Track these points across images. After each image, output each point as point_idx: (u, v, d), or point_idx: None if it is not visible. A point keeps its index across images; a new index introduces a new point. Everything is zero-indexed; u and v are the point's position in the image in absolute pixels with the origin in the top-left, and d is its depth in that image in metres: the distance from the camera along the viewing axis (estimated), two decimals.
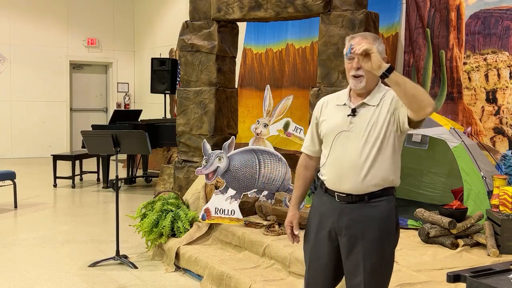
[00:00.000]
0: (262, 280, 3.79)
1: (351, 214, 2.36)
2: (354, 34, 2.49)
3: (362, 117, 2.36)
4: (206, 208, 4.74)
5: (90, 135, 5.07)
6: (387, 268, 2.39)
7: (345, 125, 2.37)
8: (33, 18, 12.41)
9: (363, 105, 2.37)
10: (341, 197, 2.38)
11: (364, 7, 5.18)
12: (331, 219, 2.40)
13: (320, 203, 2.49)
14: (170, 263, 4.65)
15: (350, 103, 2.40)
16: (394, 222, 2.39)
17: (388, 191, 2.39)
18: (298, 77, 7.68)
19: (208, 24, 5.83)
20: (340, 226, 2.38)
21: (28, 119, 12.34)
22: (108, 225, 6.08)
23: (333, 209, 2.40)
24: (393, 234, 2.39)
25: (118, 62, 13.44)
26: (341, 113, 2.41)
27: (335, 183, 2.40)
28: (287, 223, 2.60)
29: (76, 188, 8.55)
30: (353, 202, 2.36)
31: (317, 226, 2.48)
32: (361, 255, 2.34)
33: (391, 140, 2.35)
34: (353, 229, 2.35)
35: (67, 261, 4.84)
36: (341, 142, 2.37)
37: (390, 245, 2.39)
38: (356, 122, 2.36)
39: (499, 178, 4.16)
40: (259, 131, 5.07)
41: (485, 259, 3.65)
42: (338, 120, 2.40)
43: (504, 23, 5.22)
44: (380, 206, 2.36)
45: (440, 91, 5.82)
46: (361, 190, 2.35)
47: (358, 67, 2.33)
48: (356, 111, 2.37)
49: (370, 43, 2.30)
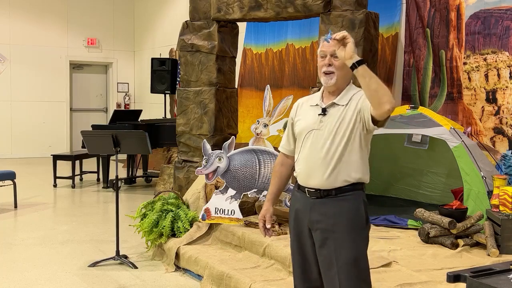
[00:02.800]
0: (262, 280, 3.79)
1: (321, 208, 2.44)
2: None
3: (331, 116, 2.46)
4: (206, 208, 4.74)
5: (90, 135, 5.07)
6: (362, 262, 2.42)
7: (316, 124, 2.48)
8: (33, 18, 12.41)
9: (333, 105, 2.47)
10: (311, 192, 2.47)
11: (364, 7, 5.18)
12: (305, 214, 2.49)
13: (295, 200, 2.60)
14: (170, 263, 4.65)
15: (322, 103, 2.51)
16: (364, 216, 2.45)
17: (356, 186, 2.45)
18: (298, 77, 7.68)
19: (208, 24, 5.83)
20: (312, 221, 2.47)
21: (28, 119, 12.35)
22: (108, 225, 6.09)
23: (305, 204, 2.50)
24: (363, 228, 2.45)
25: (118, 62, 13.45)
26: (313, 112, 2.52)
27: (304, 178, 2.50)
28: (260, 217, 2.72)
29: (76, 188, 8.55)
30: (322, 197, 2.45)
31: (294, 222, 2.57)
32: (333, 248, 2.40)
33: (357, 138, 2.43)
34: (323, 224, 2.43)
35: (67, 261, 4.84)
36: (311, 140, 2.48)
37: (361, 239, 2.44)
38: (325, 121, 2.46)
39: (499, 178, 4.16)
40: (259, 131, 5.07)
41: (485, 259, 3.66)
42: (310, 119, 2.52)
43: (504, 23, 5.22)
44: (348, 200, 2.43)
45: (440, 91, 5.82)
46: (328, 185, 2.43)
47: (329, 64, 2.45)
48: (326, 111, 2.48)
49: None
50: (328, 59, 2.45)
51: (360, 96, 2.42)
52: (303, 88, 7.41)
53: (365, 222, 2.47)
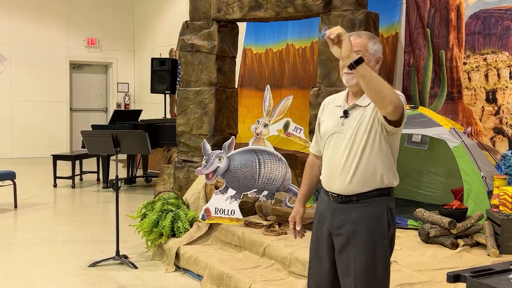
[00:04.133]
0: (262, 280, 3.79)
1: (342, 214, 2.37)
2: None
3: (352, 118, 2.36)
4: (206, 208, 4.74)
5: (90, 135, 5.07)
6: (380, 272, 2.32)
7: (337, 126, 2.39)
8: (33, 18, 12.41)
9: (355, 106, 2.37)
10: (334, 197, 2.41)
11: (364, 7, 5.18)
12: (327, 218, 2.43)
13: (320, 202, 2.53)
14: (170, 263, 4.65)
15: (345, 104, 2.40)
16: (386, 224, 2.34)
17: (381, 191, 2.35)
18: (298, 77, 7.68)
19: (208, 24, 5.83)
20: (333, 226, 2.40)
21: (28, 119, 12.34)
22: (108, 225, 6.08)
23: (328, 208, 2.44)
24: (385, 237, 2.33)
25: (118, 62, 13.45)
26: (336, 114, 2.42)
27: (327, 183, 2.43)
28: (290, 218, 2.64)
29: (76, 188, 8.55)
30: (344, 203, 2.37)
31: (317, 224, 2.51)
32: (352, 255, 2.33)
33: (377, 141, 2.31)
34: (344, 230, 2.35)
35: (67, 261, 4.84)
36: (332, 143, 2.40)
37: (382, 248, 2.32)
38: (347, 124, 2.36)
39: (499, 178, 4.16)
40: (259, 131, 5.07)
41: (485, 259, 3.65)
42: (332, 121, 2.43)
43: (504, 23, 5.22)
44: (370, 207, 2.33)
45: (440, 91, 5.82)
46: (348, 191, 2.35)
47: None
48: (348, 113, 2.37)
49: (365, 40, 2.33)
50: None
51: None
52: (303, 88, 7.41)
53: (387, 230, 2.34)
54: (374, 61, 2.37)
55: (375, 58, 2.38)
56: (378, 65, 2.41)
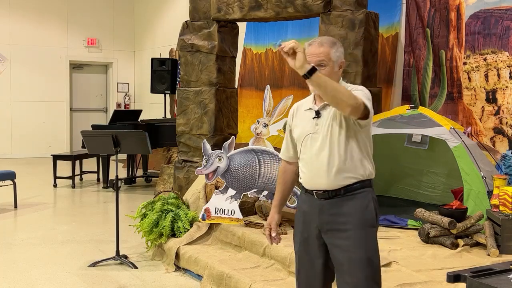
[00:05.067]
0: (262, 280, 3.79)
1: (331, 209, 2.43)
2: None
3: (325, 117, 2.45)
4: (206, 208, 4.74)
5: (90, 135, 5.07)
6: (376, 259, 2.41)
7: (312, 127, 2.48)
8: (33, 18, 12.41)
9: (325, 106, 2.46)
10: (319, 194, 2.45)
11: (364, 7, 5.18)
12: (313, 216, 2.47)
13: (301, 202, 2.58)
14: (170, 263, 4.65)
15: (315, 106, 2.50)
16: (374, 213, 2.45)
17: (364, 183, 2.45)
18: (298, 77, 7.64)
19: (208, 24, 5.83)
20: (322, 223, 2.45)
21: (28, 119, 12.34)
22: (108, 225, 6.09)
23: (313, 206, 2.48)
24: (375, 226, 2.45)
25: (118, 62, 13.45)
26: (308, 117, 2.51)
27: (310, 182, 2.48)
28: (266, 225, 2.71)
29: (76, 188, 8.55)
30: (331, 198, 2.43)
31: (302, 225, 2.54)
32: (345, 248, 2.38)
33: (352, 133, 2.41)
34: (334, 224, 2.42)
35: (67, 261, 4.84)
36: (309, 144, 2.47)
37: (373, 236, 2.43)
38: (320, 123, 2.45)
39: (499, 178, 4.16)
40: (259, 131, 5.07)
41: (485, 259, 3.65)
42: (305, 124, 2.51)
43: (504, 23, 5.22)
44: (357, 199, 2.42)
45: (440, 91, 5.82)
46: (335, 185, 2.42)
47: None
48: (319, 113, 2.47)
49: (327, 49, 2.43)
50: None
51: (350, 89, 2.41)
52: (303, 88, 7.41)
53: (376, 220, 2.46)
54: (337, 66, 2.48)
55: (338, 64, 2.48)
56: (341, 69, 2.51)
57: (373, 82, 5.34)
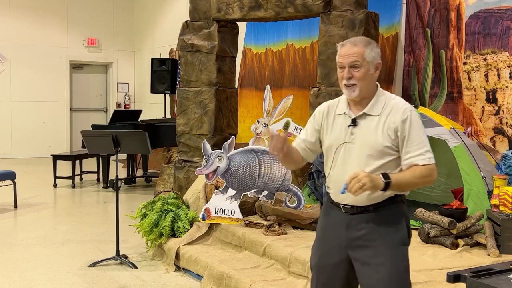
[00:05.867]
0: (262, 280, 3.79)
1: (359, 225, 2.28)
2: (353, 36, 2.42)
3: (364, 128, 2.28)
4: (206, 208, 4.74)
5: (90, 135, 5.07)
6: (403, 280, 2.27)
7: (346, 136, 2.31)
8: (33, 18, 12.41)
9: (364, 115, 2.30)
10: (347, 209, 2.32)
11: (364, 7, 5.18)
12: (340, 231, 2.33)
13: (326, 214, 2.43)
14: (170, 263, 4.65)
15: (350, 112, 2.33)
16: (406, 230, 2.30)
17: (395, 198, 2.29)
18: (298, 77, 7.68)
19: (208, 24, 5.83)
20: (349, 239, 2.30)
21: (28, 119, 12.35)
22: (108, 225, 6.09)
23: (340, 221, 2.33)
24: (406, 243, 2.30)
25: (118, 62, 13.45)
26: (341, 123, 2.34)
27: (338, 195, 2.31)
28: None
29: (76, 188, 8.55)
30: (359, 213, 2.29)
31: (325, 238, 2.40)
32: (374, 267, 2.24)
33: (394, 152, 2.27)
34: (363, 241, 2.27)
35: (67, 261, 4.84)
36: (343, 154, 2.31)
37: (404, 255, 2.28)
38: (357, 133, 2.29)
39: (499, 178, 4.15)
40: (259, 131, 5.07)
41: (485, 259, 3.65)
42: (338, 131, 2.34)
43: (504, 23, 5.22)
44: (388, 214, 2.28)
45: (440, 91, 5.82)
46: (365, 202, 2.28)
47: (350, 77, 2.27)
48: (356, 121, 2.30)
49: (361, 49, 2.27)
50: (348, 71, 2.28)
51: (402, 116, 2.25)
52: (303, 88, 7.41)
53: (408, 237, 2.31)
54: (373, 68, 2.31)
55: (374, 65, 2.31)
56: (378, 71, 2.34)
57: None
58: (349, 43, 2.31)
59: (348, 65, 2.27)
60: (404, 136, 2.25)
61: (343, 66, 2.30)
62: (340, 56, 2.31)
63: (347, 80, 2.28)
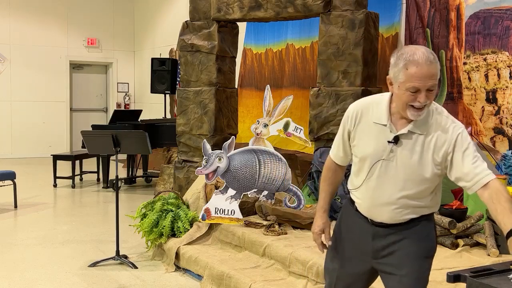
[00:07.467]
0: (262, 280, 3.79)
1: (386, 237, 2.21)
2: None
3: (406, 148, 2.09)
4: (206, 208, 4.74)
5: (90, 135, 5.07)
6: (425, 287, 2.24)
7: (385, 153, 2.12)
8: (33, 18, 12.41)
9: (408, 134, 2.09)
10: (375, 223, 2.23)
11: (364, 7, 5.18)
12: (365, 240, 2.26)
13: (351, 221, 2.32)
14: (170, 263, 4.65)
15: (392, 126, 2.11)
16: (434, 243, 2.25)
17: (425, 215, 2.23)
18: (298, 77, 7.68)
19: (208, 24, 5.83)
20: (376, 249, 2.23)
21: (28, 119, 12.35)
22: (108, 225, 6.09)
23: (366, 231, 2.25)
24: (431, 256, 2.24)
25: (118, 62, 13.45)
26: (380, 135, 2.13)
27: (368, 211, 2.23)
28: (318, 231, 2.38)
29: (76, 188, 8.55)
30: (387, 227, 2.21)
31: (347, 243, 2.33)
32: (399, 279, 2.18)
33: (436, 178, 2.15)
34: (390, 252, 2.21)
35: (67, 261, 4.84)
36: (378, 172, 2.15)
37: (428, 268, 2.23)
38: (398, 153, 2.10)
39: (499, 178, 4.14)
40: (259, 131, 5.07)
41: (485, 259, 3.65)
42: (376, 144, 2.14)
43: (504, 23, 5.22)
44: (418, 226, 2.20)
45: (440, 91, 5.82)
46: (395, 220, 2.19)
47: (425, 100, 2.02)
48: (399, 140, 2.09)
49: (437, 67, 2.01)
50: (425, 97, 2.00)
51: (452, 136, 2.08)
52: (303, 88, 7.41)
53: (434, 250, 2.25)
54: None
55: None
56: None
57: (373, 82, 5.34)
58: (425, 62, 1.98)
59: (426, 88, 1.99)
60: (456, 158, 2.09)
61: (419, 90, 2.00)
62: (415, 78, 1.97)
63: (420, 103, 2.02)
